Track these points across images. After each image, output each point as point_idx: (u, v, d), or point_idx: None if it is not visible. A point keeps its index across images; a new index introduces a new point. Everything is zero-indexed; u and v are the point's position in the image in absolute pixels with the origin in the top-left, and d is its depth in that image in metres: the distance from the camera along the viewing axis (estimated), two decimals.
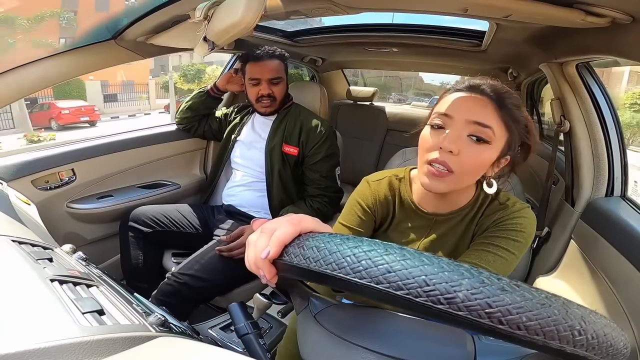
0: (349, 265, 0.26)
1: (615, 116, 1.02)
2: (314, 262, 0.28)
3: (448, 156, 0.56)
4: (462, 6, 0.82)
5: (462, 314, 0.23)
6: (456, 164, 0.56)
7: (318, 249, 0.29)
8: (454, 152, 0.55)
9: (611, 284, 0.82)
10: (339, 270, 0.26)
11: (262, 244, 0.33)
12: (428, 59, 1.81)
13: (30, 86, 0.91)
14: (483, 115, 0.55)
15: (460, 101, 0.58)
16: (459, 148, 0.55)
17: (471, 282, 0.23)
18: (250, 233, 0.37)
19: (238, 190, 1.31)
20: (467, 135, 0.56)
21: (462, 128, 0.56)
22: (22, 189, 1.05)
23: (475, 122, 0.55)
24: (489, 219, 0.63)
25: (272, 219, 0.38)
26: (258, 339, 0.52)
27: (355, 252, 0.26)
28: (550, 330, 0.22)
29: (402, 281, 0.24)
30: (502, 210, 0.63)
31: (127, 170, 1.37)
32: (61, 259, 0.50)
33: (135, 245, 1.22)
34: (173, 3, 0.79)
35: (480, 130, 0.55)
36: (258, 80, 1.24)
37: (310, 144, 1.23)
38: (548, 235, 1.13)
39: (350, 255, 0.26)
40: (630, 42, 0.69)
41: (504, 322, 0.22)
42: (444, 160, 0.56)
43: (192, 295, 1.03)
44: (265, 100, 1.24)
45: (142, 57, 1.05)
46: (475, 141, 0.56)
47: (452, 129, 0.57)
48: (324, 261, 0.28)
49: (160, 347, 0.35)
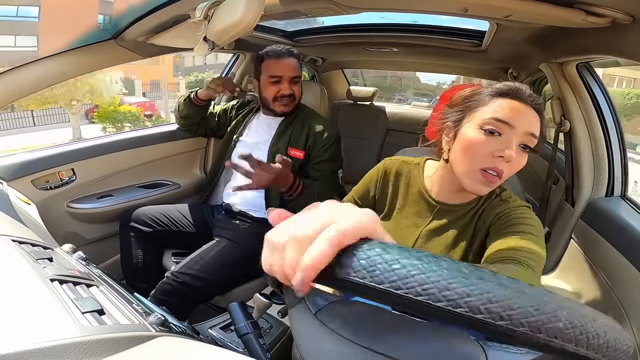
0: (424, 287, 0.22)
1: (616, 116, 1.02)
2: (376, 278, 0.23)
3: (504, 164, 0.58)
4: (462, 6, 0.82)
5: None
6: (507, 172, 0.58)
7: (384, 264, 0.23)
8: (510, 161, 0.57)
9: (611, 284, 0.82)
10: (405, 290, 0.22)
11: (297, 258, 0.25)
12: (428, 59, 1.81)
13: (30, 86, 0.91)
14: (536, 127, 0.58)
15: (522, 112, 0.58)
16: (512, 156, 0.57)
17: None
18: (275, 173, 0.33)
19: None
20: (519, 144, 0.58)
21: (517, 137, 0.58)
22: (22, 189, 1.05)
23: (531, 133, 0.58)
24: (492, 213, 0.64)
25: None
26: (258, 339, 0.52)
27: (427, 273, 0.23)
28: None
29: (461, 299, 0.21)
30: (503, 204, 0.64)
31: (127, 170, 1.37)
32: (61, 259, 0.50)
33: (135, 245, 1.22)
34: (173, 3, 0.79)
35: (532, 140, 0.58)
36: (279, 78, 1.18)
37: (316, 148, 1.22)
38: (548, 235, 1.13)
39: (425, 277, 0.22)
40: (630, 42, 0.69)
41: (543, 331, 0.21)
42: (501, 169, 0.58)
43: (192, 294, 1.03)
44: (285, 99, 1.21)
45: (142, 57, 1.05)
46: (524, 149, 0.59)
47: (513, 137, 0.58)
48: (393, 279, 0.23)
49: (160, 347, 0.35)
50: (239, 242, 1.14)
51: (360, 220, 0.25)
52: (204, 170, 1.65)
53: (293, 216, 0.29)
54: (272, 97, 1.22)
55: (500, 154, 0.57)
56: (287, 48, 1.21)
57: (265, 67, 1.20)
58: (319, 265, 0.24)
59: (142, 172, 1.43)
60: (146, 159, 1.43)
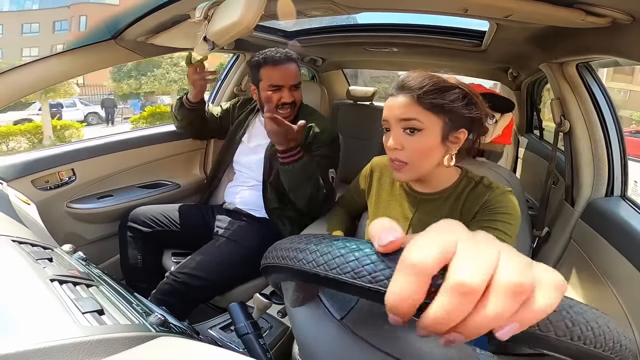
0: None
1: (616, 116, 1.02)
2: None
3: (396, 152, 0.68)
4: (462, 6, 0.82)
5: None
6: (405, 156, 0.67)
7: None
8: (398, 148, 0.67)
9: (611, 284, 0.82)
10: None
11: (508, 313, 0.19)
12: (428, 59, 1.81)
13: (30, 86, 0.91)
14: (406, 111, 0.66)
15: (389, 104, 0.68)
16: (401, 143, 0.67)
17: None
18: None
19: (239, 190, 1.31)
20: (402, 130, 0.67)
21: (397, 127, 0.67)
22: (22, 189, 1.05)
23: (402, 119, 0.66)
24: (477, 202, 0.70)
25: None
26: (258, 339, 0.52)
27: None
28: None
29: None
30: (488, 192, 0.70)
31: (127, 170, 1.37)
32: (61, 259, 0.50)
33: (135, 245, 1.22)
34: (173, 3, 0.79)
35: (408, 124, 0.66)
36: (280, 87, 1.14)
37: (313, 145, 1.22)
38: (548, 235, 1.13)
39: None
40: (630, 42, 0.69)
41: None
42: (396, 157, 0.68)
43: (191, 294, 1.03)
44: (286, 107, 1.17)
45: (142, 57, 1.05)
46: (410, 133, 0.66)
47: (392, 130, 0.69)
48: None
49: (160, 347, 0.35)
50: (239, 242, 1.14)
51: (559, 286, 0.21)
52: (203, 171, 1.65)
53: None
54: (274, 106, 1.17)
55: (388, 147, 0.69)
56: (285, 52, 1.17)
57: (264, 74, 1.15)
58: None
59: (142, 172, 1.43)
60: (146, 159, 1.43)
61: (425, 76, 0.66)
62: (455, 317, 0.19)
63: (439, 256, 0.20)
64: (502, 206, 0.67)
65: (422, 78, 0.66)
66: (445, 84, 0.66)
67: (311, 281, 0.27)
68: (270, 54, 1.15)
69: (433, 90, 0.65)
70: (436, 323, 0.20)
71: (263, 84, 1.17)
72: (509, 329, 0.19)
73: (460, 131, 0.68)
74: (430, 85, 0.65)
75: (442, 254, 0.20)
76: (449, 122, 0.66)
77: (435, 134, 0.66)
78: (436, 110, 0.65)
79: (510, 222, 0.66)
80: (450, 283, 0.19)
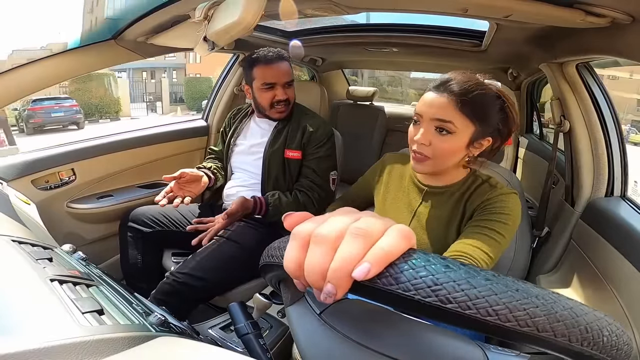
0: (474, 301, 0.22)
1: (615, 116, 1.02)
2: (420, 291, 0.22)
3: (422, 147, 0.70)
4: (462, 6, 0.82)
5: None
6: (430, 152, 0.70)
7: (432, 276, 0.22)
8: (425, 144, 0.69)
9: (611, 284, 0.82)
10: (454, 305, 0.21)
11: (355, 251, 0.22)
12: (428, 59, 1.81)
13: (30, 86, 0.91)
14: (444, 113, 0.67)
15: (427, 100, 0.69)
16: (429, 140, 0.69)
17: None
18: (221, 226, 0.33)
19: (237, 191, 1.31)
20: (434, 128, 0.68)
21: (429, 123, 0.69)
22: (22, 189, 1.05)
23: (437, 118, 0.67)
24: (479, 199, 0.72)
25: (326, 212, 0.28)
26: (258, 339, 0.52)
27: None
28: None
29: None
30: (490, 191, 0.71)
31: (127, 170, 1.38)
32: (61, 259, 0.50)
33: (135, 245, 1.22)
34: (173, 3, 0.79)
35: (442, 125, 0.67)
36: (273, 84, 1.18)
37: (311, 145, 1.23)
38: (548, 235, 1.13)
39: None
40: (630, 42, 0.69)
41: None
42: (420, 151, 0.70)
43: (191, 294, 1.03)
44: (281, 104, 1.20)
45: (142, 57, 1.05)
46: (440, 132, 0.68)
47: (423, 125, 0.70)
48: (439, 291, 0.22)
49: (160, 347, 0.35)
50: (239, 242, 1.14)
51: (403, 234, 0.24)
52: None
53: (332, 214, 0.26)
54: (269, 104, 1.21)
55: (415, 140, 0.70)
56: (277, 51, 1.20)
57: (257, 73, 1.19)
58: (379, 269, 0.22)
59: (142, 172, 1.43)
60: (146, 159, 1.43)
61: (471, 81, 0.67)
62: (319, 264, 0.23)
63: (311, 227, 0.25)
64: (501, 206, 0.68)
65: (468, 84, 0.66)
66: (490, 94, 0.67)
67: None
68: (262, 52, 1.19)
69: (477, 98, 0.65)
70: (309, 273, 0.23)
71: (256, 82, 1.20)
72: (361, 268, 0.22)
73: (486, 139, 0.70)
74: (475, 93, 0.65)
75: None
76: (480, 129, 0.68)
77: (464, 139, 0.68)
78: (473, 118, 0.67)
79: (507, 223, 0.67)
80: (311, 238, 0.24)
